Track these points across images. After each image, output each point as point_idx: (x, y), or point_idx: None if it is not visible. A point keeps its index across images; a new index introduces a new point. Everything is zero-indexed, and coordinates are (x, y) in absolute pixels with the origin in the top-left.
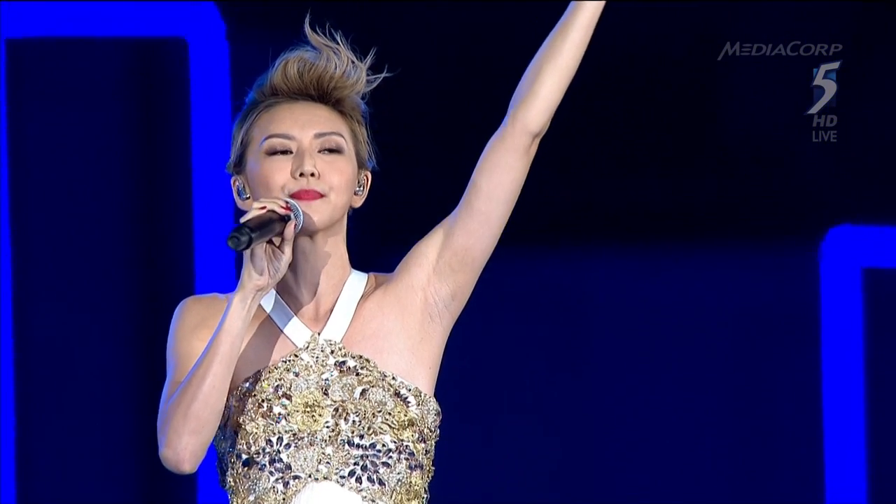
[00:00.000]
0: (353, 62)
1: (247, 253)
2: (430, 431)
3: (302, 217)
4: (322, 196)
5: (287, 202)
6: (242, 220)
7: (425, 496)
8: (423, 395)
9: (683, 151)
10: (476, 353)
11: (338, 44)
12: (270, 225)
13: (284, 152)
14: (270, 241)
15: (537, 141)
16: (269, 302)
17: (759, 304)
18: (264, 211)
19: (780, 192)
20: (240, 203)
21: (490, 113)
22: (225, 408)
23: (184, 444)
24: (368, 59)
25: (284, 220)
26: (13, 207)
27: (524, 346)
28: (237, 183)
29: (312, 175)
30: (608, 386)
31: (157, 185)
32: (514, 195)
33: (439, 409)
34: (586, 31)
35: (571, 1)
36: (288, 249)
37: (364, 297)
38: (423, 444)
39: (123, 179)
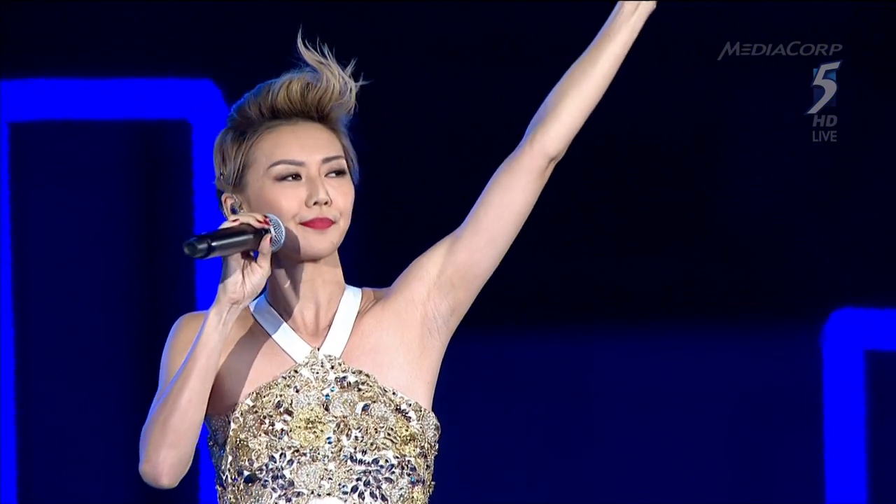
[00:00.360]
0: (344, 78)
1: (223, 266)
2: (430, 446)
3: (283, 232)
4: (333, 223)
5: (266, 216)
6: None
7: None
8: (422, 409)
9: (685, 228)
10: (476, 432)
11: (326, 58)
12: (240, 237)
13: (293, 177)
14: (247, 255)
15: (553, 165)
16: (265, 318)
17: (762, 386)
18: (236, 223)
19: (783, 274)
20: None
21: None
22: (225, 424)
23: (161, 457)
24: (350, 68)
25: (260, 233)
26: (16, 289)
27: (524, 425)
28: (230, 201)
29: (326, 203)
30: (609, 466)
31: (159, 267)
32: (523, 217)
33: (438, 424)
34: (617, 62)
35: (603, 28)
36: (265, 264)
37: (361, 311)
38: (423, 459)
39: (127, 261)
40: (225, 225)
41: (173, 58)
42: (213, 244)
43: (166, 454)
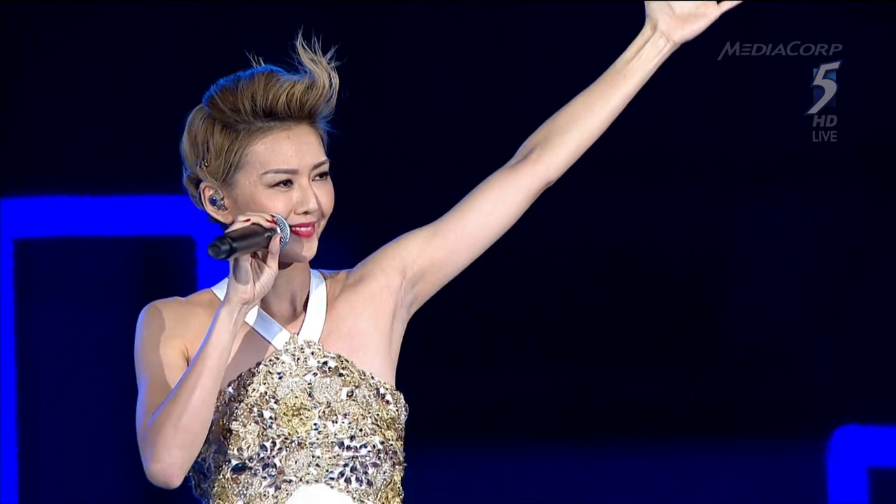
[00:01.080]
0: (332, 76)
1: (232, 266)
2: (403, 428)
3: (288, 231)
4: (316, 226)
5: (273, 216)
6: (227, 231)
7: (402, 493)
8: (396, 392)
9: (689, 345)
10: None
11: (317, 55)
12: (254, 237)
13: (284, 183)
14: (255, 255)
15: (546, 188)
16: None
17: (766, 502)
18: (249, 223)
19: (786, 391)
20: (211, 210)
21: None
22: None
23: (173, 458)
24: (330, 55)
25: (270, 233)
26: (20, 404)
27: None
28: (210, 192)
29: (315, 210)
30: None
31: None
32: (505, 230)
33: (406, 405)
34: (629, 99)
35: (619, 63)
36: (274, 263)
37: (330, 295)
38: (401, 442)
39: (132, 378)
40: (239, 225)
41: (177, 175)
42: (234, 245)
43: (178, 454)
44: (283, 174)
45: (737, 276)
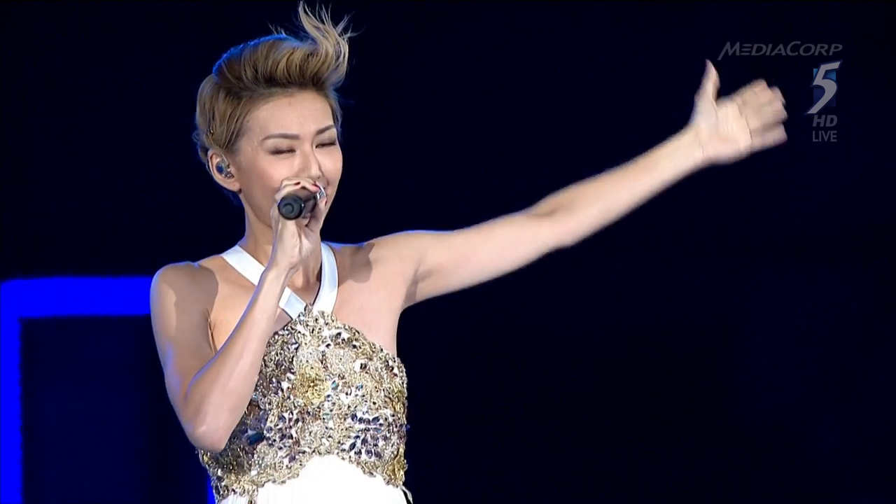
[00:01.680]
0: (339, 44)
1: (281, 231)
2: (407, 401)
3: (325, 196)
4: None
5: (315, 181)
6: (279, 195)
7: (406, 466)
8: (401, 364)
9: (700, 424)
10: None
11: (324, 23)
12: (308, 201)
13: (287, 150)
14: (300, 219)
15: (556, 249)
16: (256, 276)
17: None
18: (298, 187)
19: (796, 470)
20: (218, 177)
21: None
22: None
23: (223, 421)
24: (341, 27)
25: (315, 198)
26: (26, 482)
27: None
28: (217, 159)
29: (318, 177)
30: None
31: (172, 460)
32: (507, 271)
33: (406, 378)
34: (651, 195)
35: (656, 153)
36: (317, 227)
37: (342, 268)
38: (405, 415)
39: (137, 456)
40: (291, 188)
41: (181, 255)
42: (303, 205)
43: (227, 418)
44: (283, 139)
45: (744, 354)
